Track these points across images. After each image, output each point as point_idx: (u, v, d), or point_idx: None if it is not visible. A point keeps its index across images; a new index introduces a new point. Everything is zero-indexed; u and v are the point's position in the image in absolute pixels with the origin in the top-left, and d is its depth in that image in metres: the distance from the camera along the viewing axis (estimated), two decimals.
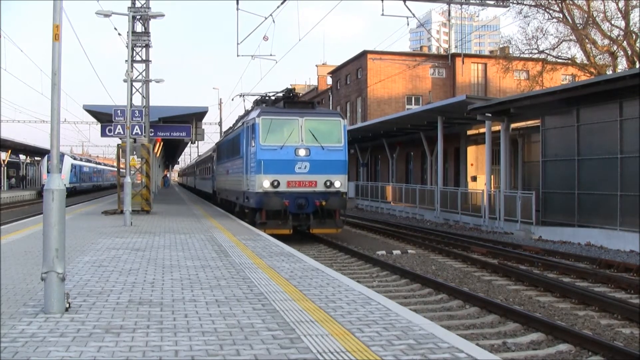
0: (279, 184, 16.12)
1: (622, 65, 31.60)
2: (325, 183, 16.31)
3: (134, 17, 21.50)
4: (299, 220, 16.46)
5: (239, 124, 20.97)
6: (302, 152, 16.30)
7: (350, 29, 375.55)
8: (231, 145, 22.27)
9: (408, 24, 21.49)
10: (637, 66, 28.60)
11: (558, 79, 39.96)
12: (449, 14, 49.62)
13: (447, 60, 46.90)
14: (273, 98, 19.66)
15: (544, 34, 34.22)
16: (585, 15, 31.26)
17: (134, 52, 22.60)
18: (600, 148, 17.66)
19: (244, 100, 23.89)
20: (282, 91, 19.45)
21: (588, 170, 18.12)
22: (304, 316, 5.73)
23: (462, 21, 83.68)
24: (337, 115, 17.64)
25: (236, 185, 20.09)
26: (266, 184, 16.11)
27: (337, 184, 16.42)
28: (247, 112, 20.68)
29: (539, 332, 7.76)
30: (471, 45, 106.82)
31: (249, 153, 17.27)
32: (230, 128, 25.34)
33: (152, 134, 25.38)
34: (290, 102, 17.98)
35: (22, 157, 64.56)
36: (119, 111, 20.85)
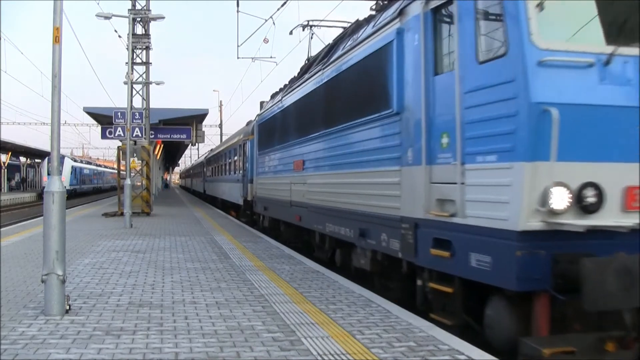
0: (602, 198, 4.67)
1: None
2: None
3: (134, 20, 21.54)
4: None
5: (375, 33, 7.58)
6: None
7: None
8: (323, 101, 9.82)
9: None
10: None
11: None
12: None
13: None
14: None
15: None
16: None
17: (135, 54, 22.65)
18: None
19: (311, 36, 12.81)
20: None
21: None
22: (304, 318, 5.72)
23: None
24: None
25: (357, 197, 8.04)
26: (559, 200, 4.56)
27: None
28: None
29: None
30: None
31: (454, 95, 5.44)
32: (301, 74, 12.52)
33: (153, 136, 25.42)
34: None
35: (22, 159, 64.62)
36: (119, 113, 20.90)
